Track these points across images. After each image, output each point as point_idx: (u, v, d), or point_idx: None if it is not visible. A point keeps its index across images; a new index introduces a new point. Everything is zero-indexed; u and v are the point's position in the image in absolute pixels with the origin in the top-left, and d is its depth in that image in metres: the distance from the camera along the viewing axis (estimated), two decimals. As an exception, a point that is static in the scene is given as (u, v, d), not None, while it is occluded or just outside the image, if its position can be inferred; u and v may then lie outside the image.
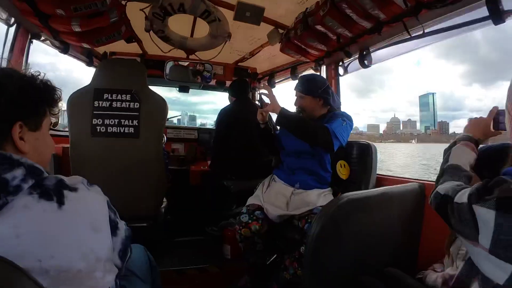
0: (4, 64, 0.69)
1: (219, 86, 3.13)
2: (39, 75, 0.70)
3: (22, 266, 0.47)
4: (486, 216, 0.61)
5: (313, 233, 1.01)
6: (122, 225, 0.75)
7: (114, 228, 0.69)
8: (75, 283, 0.57)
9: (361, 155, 1.77)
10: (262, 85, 2.00)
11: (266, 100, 1.66)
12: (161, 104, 1.63)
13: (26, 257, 0.51)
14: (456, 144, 0.95)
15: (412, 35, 1.49)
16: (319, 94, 1.65)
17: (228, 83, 3.02)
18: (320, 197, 1.58)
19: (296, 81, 1.73)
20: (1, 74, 0.63)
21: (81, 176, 0.67)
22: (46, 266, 0.53)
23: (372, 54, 1.85)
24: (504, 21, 1.16)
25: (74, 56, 2.33)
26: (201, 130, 3.28)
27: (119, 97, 1.57)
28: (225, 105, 2.54)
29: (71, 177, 0.66)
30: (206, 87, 3.25)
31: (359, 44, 1.79)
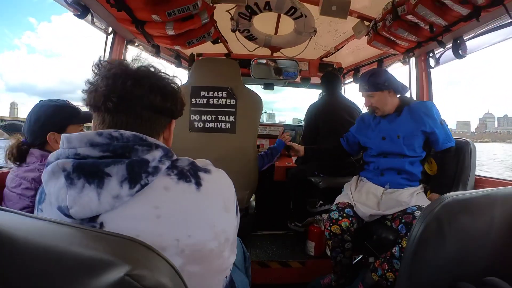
0: None
1: (304, 83, 3.10)
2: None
3: (160, 244, 0.50)
4: None
5: (415, 233, 0.93)
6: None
7: (237, 209, 0.72)
8: (206, 261, 0.59)
9: (458, 153, 1.64)
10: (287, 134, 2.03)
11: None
12: (256, 101, 1.69)
13: (165, 237, 0.54)
14: None
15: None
16: (387, 86, 1.60)
17: (313, 79, 3.00)
18: (413, 196, 1.52)
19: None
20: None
21: None
22: (182, 246, 0.55)
23: (467, 43, 1.68)
24: None
25: (165, 59, 2.52)
26: (286, 127, 3.27)
27: (215, 94, 1.66)
28: (315, 101, 2.50)
29: (198, 160, 0.69)
30: (291, 84, 3.23)
31: (452, 33, 1.64)
